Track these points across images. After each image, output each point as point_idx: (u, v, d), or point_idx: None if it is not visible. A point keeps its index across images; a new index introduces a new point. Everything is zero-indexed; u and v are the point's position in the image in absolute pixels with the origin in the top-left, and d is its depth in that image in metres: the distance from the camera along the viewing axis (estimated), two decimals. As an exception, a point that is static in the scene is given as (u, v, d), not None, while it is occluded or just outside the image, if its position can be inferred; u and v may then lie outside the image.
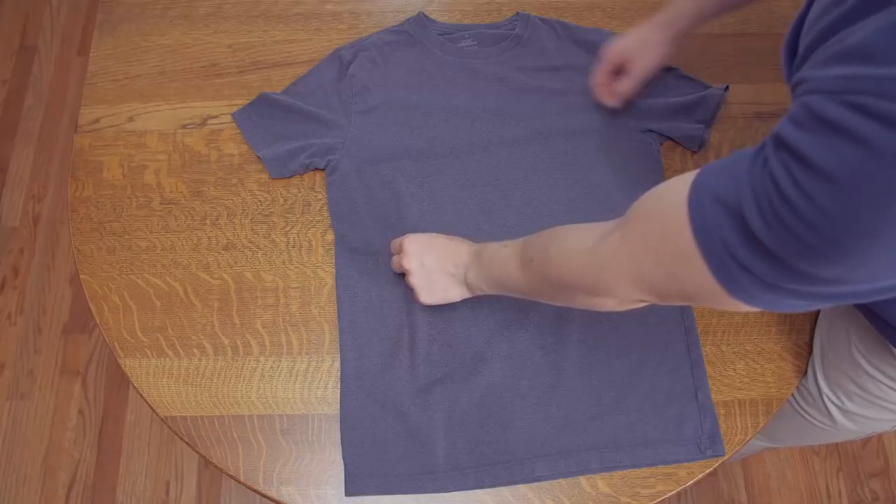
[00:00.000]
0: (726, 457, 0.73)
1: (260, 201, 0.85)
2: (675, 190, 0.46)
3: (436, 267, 0.73)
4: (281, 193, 0.85)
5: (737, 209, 0.41)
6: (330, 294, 0.80)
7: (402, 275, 0.76)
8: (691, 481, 0.72)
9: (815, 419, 0.83)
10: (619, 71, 0.84)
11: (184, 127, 0.89)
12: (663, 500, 0.72)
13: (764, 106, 0.90)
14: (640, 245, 0.50)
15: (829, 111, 0.35)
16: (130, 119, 0.90)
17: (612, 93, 0.84)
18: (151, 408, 0.76)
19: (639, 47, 0.81)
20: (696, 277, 0.45)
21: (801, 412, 0.85)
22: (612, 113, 0.86)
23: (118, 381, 1.44)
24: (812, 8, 0.45)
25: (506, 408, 0.74)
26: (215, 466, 0.74)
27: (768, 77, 0.92)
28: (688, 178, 0.46)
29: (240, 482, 0.73)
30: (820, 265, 0.38)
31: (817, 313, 0.79)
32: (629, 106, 0.86)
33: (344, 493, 0.71)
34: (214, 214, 0.84)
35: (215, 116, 0.90)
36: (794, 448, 1.38)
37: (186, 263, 0.82)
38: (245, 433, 0.74)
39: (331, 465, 0.73)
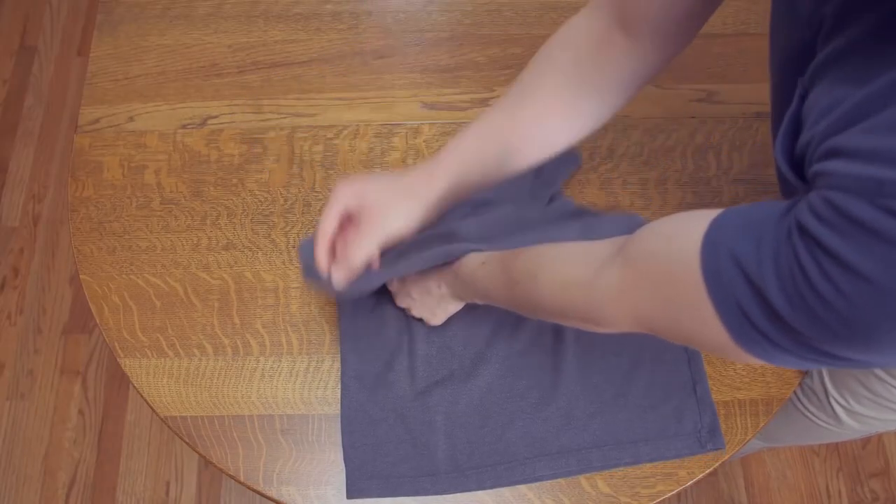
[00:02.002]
0: (727, 456, 0.73)
1: (260, 201, 0.85)
2: (686, 232, 0.43)
3: (422, 296, 0.72)
4: (281, 193, 0.85)
5: (758, 282, 0.38)
6: (330, 294, 0.80)
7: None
8: (691, 481, 0.72)
9: (820, 420, 0.83)
10: (348, 221, 0.63)
11: (184, 127, 0.90)
12: (663, 499, 0.72)
13: (764, 106, 0.90)
14: (646, 287, 0.47)
15: (861, 212, 0.34)
16: (130, 119, 0.90)
17: (337, 253, 0.63)
18: (151, 408, 0.76)
19: (384, 195, 0.62)
20: (708, 332, 0.43)
21: (806, 413, 0.85)
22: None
23: (118, 381, 1.44)
24: (814, 93, 0.42)
25: (505, 408, 0.74)
26: (215, 466, 0.74)
27: (768, 77, 0.91)
28: (699, 219, 0.42)
29: (240, 482, 0.73)
30: (845, 347, 0.38)
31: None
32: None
33: (345, 496, 0.71)
34: (214, 214, 0.84)
35: (215, 116, 0.90)
36: (794, 448, 1.38)
37: (186, 263, 0.82)
38: (245, 433, 0.74)
39: (331, 465, 0.73)
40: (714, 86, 0.91)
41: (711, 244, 0.41)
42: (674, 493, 0.72)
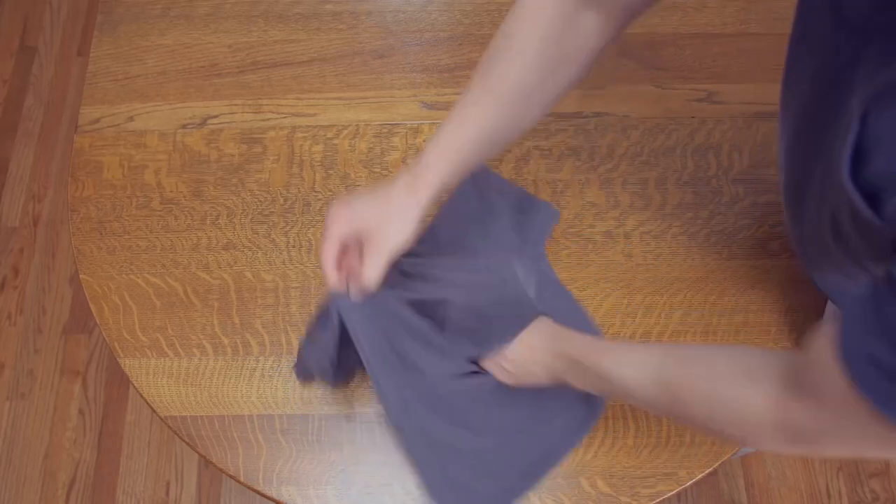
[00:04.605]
0: (726, 456, 0.73)
1: (260, 201, 0.85)
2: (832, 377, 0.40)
3: (519, 370, 0.67)
4: (281, 193, 0.85)
5: None
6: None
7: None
8: (691, 481, 0.72)
9: None
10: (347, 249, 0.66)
11: (184, 127, 0.90)
12: (663, 499, 0.72)
13: (764, 106, 0.90)
14: (843, 435, 0.44)
15: None
16: (130, 119, 0.90)
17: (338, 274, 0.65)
18: (151, 408, 0.76)
19: (378, 217, 0.63)
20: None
21: None
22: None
23: (118, 381, 1.44)
24: (887, 118, 0.38)
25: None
26: (215, 466, 0.74)
27: (768, 77, 0.92)
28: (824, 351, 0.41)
29: (240, 482, 0.73)
30: None
31: (821, 314, 0.79)
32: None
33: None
34: (214, 214, 0.84)
35: (215, 116, 0.90)
36: (794, 448, 1.38)
37: (186, 263, 0.82)
38: (245, 433, 0.74)
39: (331, 465, 0.73)
40: (714, 86, 0.91)
41: (854, 363, 0.39)
42: (674, 493, 0.72)
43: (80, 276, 0.81)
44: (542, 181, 0.86)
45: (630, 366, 0.57)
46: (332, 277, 0.65)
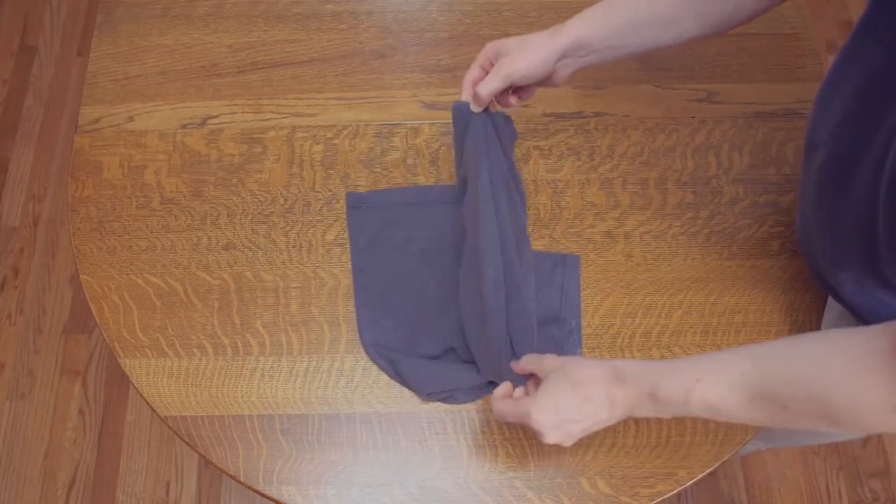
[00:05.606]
0: (726, 456, 0.73)
1: (260, 201, 0.85)
2: None
3: (576, 426, 0.61)
4: (281, 193, 0.85)
5: None
6: (330, 294, 0.80)
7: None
8: (691, 481, 0.72)
9: None
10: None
11: (184, 127, 0.90)
12: (663, 499, 0.72)
13: (764, 106, 0.90)
14: None
15: None
16: (130, 119, 0.90)
17: (472, 90, 0.73)
18: (151, 408, 0.76)
19: (516, 46, 0.71)
20: None
21: None
22: None
23: (118, 381, 1.44)
24: None
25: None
26: (215, 466, 0.74)
27: (768, 77, 0.92)
28: None
29: (240, 482, 0.73)
30: None
31: (821, 314, 0.79)
32: None
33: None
34: (214, 214, 0.84)
35: (215, 116, 0.90)
36: (794, 448, 1.38)
37: (186, 263, 0.82)
38: (245, 433, 0.74)
39: (331, 465, 0.73)
40: (714, 86, 0.91)
41: None
42: (674, 493, 0.72)
43: (80, 276, 0.81)
44: (542, 181, 0.86)
45: (719, 394, 0.54)
46: (464, 90, 0.74)
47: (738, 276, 0.81)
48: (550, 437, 0.60)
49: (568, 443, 0.61)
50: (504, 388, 0.66)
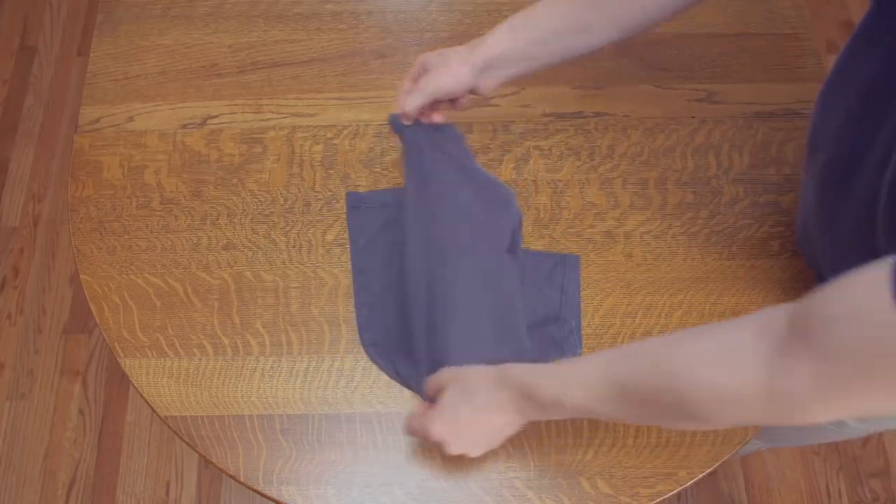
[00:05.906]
0: (726, 456, 0.73)
1: (260, 201, 0.85)
2: (874, 302, 0.38)
3: (474, 432, 0.63)
4: (281, 193, 0.85)
5: None
6: (330, 294, 0.80)
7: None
8: (691, 481, 0.72)
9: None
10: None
11: (184, 127, 0.90)
12: (663, 499, 0.72)
13: (764, 106, 0.90)
14: (858, 378, 0.41)
15: None
16: (130, 119, 0.90)
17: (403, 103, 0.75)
18: (151, 408, 0.76)
19: (439, 61, 0.71)
20: None
21: None
22: None
23: (118, 381, 1.44)
24: None
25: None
26: (215, 466, 0.74)
27: (768, 77, 0.92)
28: (871, 281, 0.38)
29: (240, 482, 0.73)
30: None
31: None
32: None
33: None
34: (214, 214, 0.84)
35: (215, 116, 0.90)
36: (794, 448, 1.38)
37: (186, 263, 0.82)
38: (245, 433, 0.74)
39: (331, 465, 0.73)
40: (714, 86, 0.91)
41: None
42: (674, 493, 0.72)
43: (80, 276, 0.81)
44: (542, 181, 0.86)
45: (587, 394, 0.55)
46: (399, 103, 0.75)
47: (738, 276, 0.81)
48: (453, 448, 0.61)
49: (475, 452, 0.62)
50: (420, 407, 0.68)
